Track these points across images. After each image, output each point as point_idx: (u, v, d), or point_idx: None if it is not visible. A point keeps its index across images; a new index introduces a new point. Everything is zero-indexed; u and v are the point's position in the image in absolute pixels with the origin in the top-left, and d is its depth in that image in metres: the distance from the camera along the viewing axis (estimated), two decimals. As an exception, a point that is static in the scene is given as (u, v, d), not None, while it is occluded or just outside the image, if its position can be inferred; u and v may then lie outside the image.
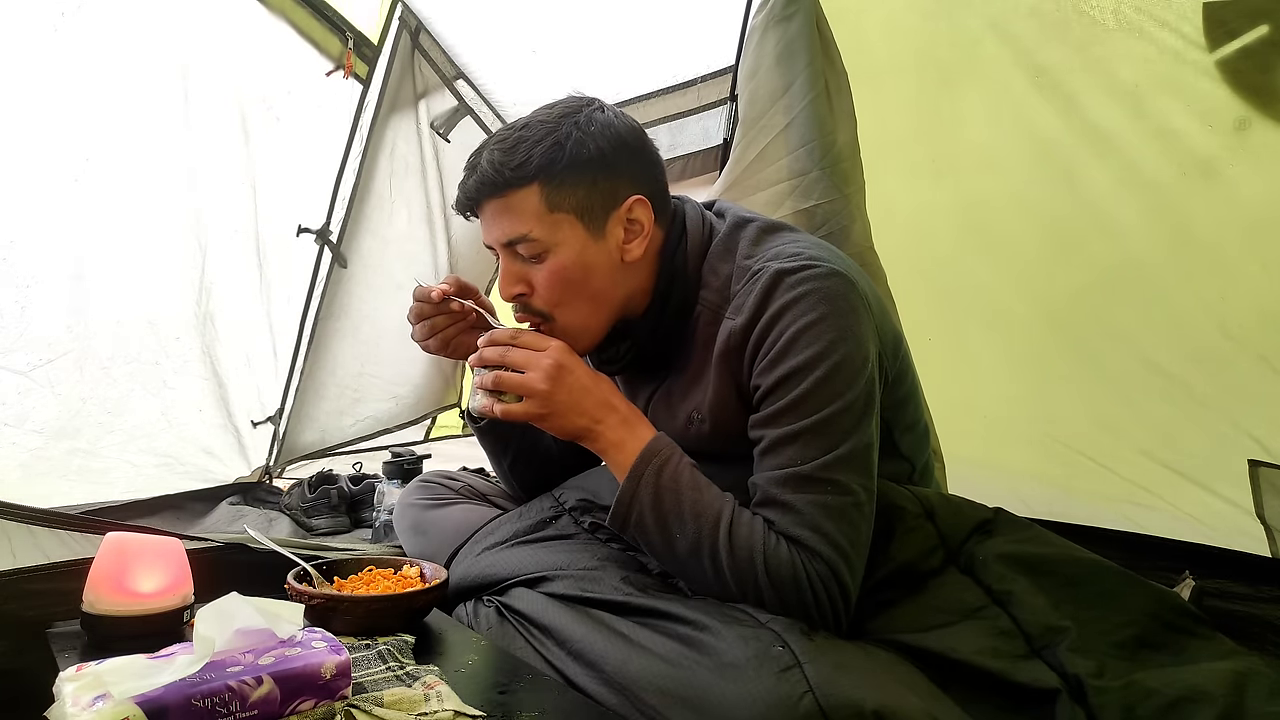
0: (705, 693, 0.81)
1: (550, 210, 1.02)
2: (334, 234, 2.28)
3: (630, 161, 1.05)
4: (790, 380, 0.97)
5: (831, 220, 1.50)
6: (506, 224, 1.04)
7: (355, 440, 2.48)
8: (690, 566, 0.98)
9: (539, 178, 1.01)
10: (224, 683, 0.73)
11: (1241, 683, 0.86)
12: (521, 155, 1.01)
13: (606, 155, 1.03)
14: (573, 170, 1.01)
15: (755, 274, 1.02)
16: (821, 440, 0.95)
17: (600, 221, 1.04)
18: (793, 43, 1.53)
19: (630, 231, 1.06)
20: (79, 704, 0.71)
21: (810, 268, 0.99)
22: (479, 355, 1.04)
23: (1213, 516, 1.51)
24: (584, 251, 1.04)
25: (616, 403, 1.04)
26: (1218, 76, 1.35)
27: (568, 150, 1.01)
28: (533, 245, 1.03)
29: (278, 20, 2.06)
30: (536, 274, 1.05)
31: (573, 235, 1.03)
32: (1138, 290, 1.54)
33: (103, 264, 1.85)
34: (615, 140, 1.04)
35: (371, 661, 0.91)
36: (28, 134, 1.68)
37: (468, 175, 1.06)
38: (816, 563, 0.92)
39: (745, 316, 1.01)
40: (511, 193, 1.02)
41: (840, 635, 0.93)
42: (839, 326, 0.97)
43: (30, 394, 1.76)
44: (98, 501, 1.88)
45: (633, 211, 1.05)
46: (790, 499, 0.95)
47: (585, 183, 1.02)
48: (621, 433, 1.02)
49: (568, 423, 1.02)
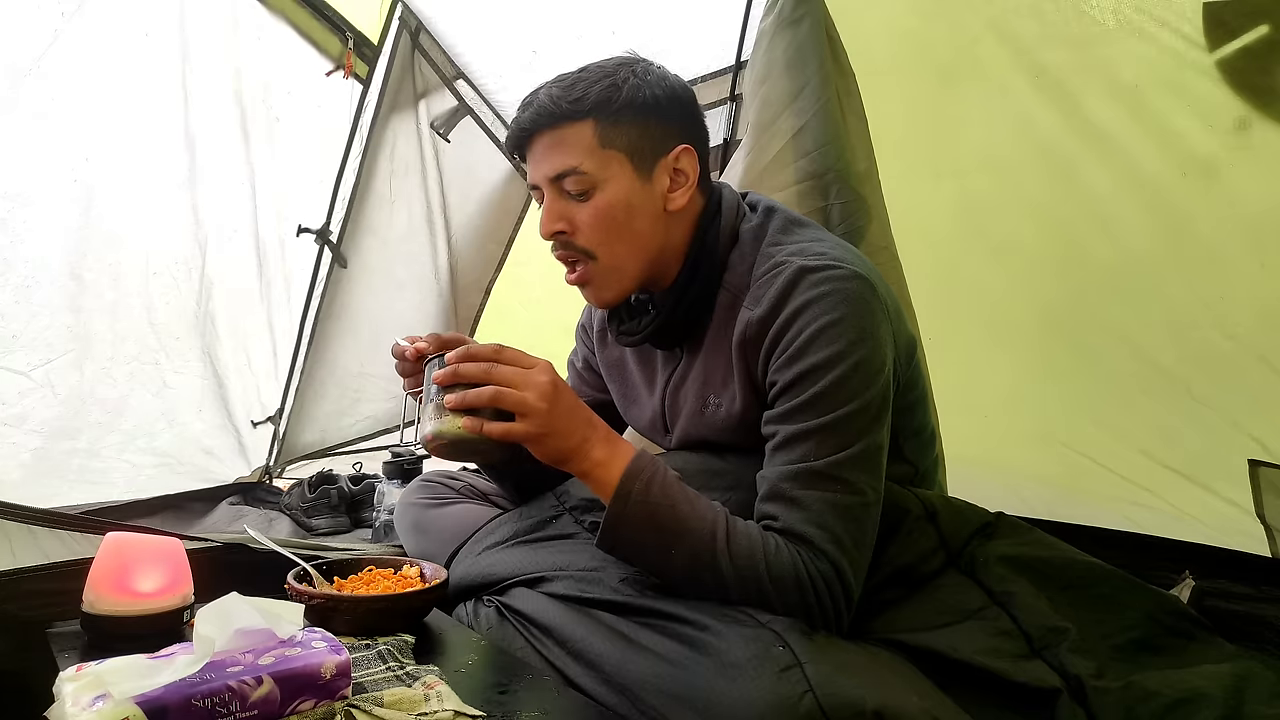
0: (705, 693, 0.81)
1: (602, 146, 1.04)
2: (334, 234, 2.28)
3: (682, 113, 1.08)
4: (808, 378, 0.97)
5: (847, 220, 1.50)
6: (557, 157, 1.05)
7: (355, 440, 2.48)
8: (688, 579, 0.97)
9: (595, 113, 1.03)
10: (224, 683, 0.73)
11: (1241, 685, 0.86)
12: (580, 90, 1.03)
13: (661, 101, 1.05)
14: (627, 110, 1.04)
15: (778, 266, 1.03)
16: (835, 439, 0.95)
17: (649, 165, 1.06)
18: (803, 46, 1.53)
19: (676, 181, 1.08)
20: (79, 704, 0.71)
21: (833, 268, 1.00)
22: (451, 371, 0.93)
23: (1213, 516, 1.50)
24: (631, 192, 1.05)
25: (597, 421, 1.00)
26: (1218, 76, 1.35)
27: (624, 91, 1.04)
28: (581, 180, 1.04)
29: (278, 20, 2.06)
30: (581, 212, 1.06)
31: (621, 174, 1.05)
32: (1138, 290, 1.54)
33: (103, 264, 1.86)
34: (669, 90, 1.07)
35: (371, 661, 0.91)
36: (28, 134, 1.68)
37: (522, 110, 1.07)
38: (820, 561, 0.92)
39: (764, 309, 1.01)
40: (566, 125, 1.04)
41: (841, 634, 0.93)
42: (859, 328, 0.97)
43: (30, 394, 1.76)
44: (98, 501, 1.88)
45: (680, 161, 1.07)
46: (800, 494, 0.95)
47: (638, 124, 1.04)
48: (605, 450, 0.98)
49: (561, 443, 0.95)
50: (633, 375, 1.25)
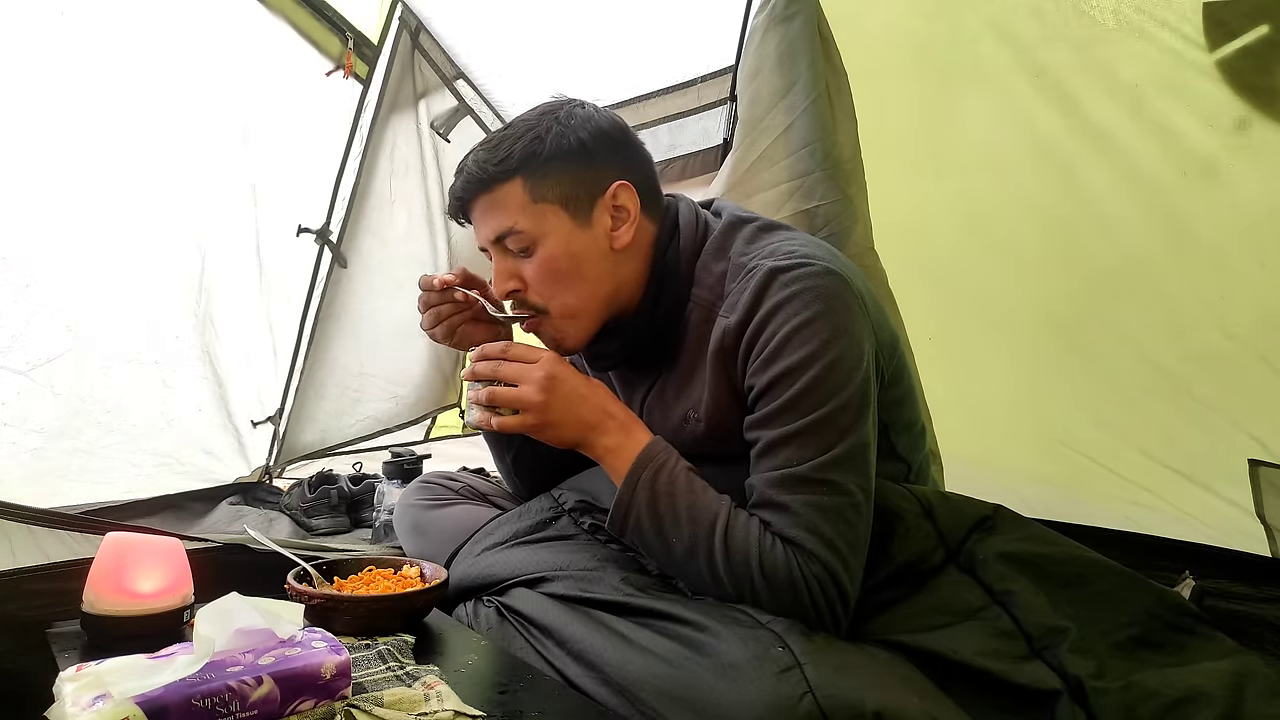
0: (705, 693, 0.81)
1: (534, 201, 1.04)
2: (334, 234, 2.28)
3: (612, 151, 1.08)
4: (784, 380, 0.97)
5: (833, 221, 1.50)
6: (493, 219, 1.06)
7: (355, 440, 2.47)
8: (688, 569, 0.99)
9: (521, 170, 1.03)
10: (224, 683, 0.73)
11: (1241, 683, 0.86)
12: (504, 151, 1.04)
13: (587, 145, 1.05)
14: (554, 160, 1.04)
15: (749, 271, 1.02)
16: (817, 440, 0.95)
17: (586, 210, 1.06)
18: (794, 43, 1.53)
19: (617, 219, 1.07)
20: (79, 704, 0.71)
21: (804, 265, 0.99)
22: (471, 370, 1.04)
23: (1213, 516, 1.50)
24: (571, 240, 1.05)
25: (613, 409, 1.04)
26: (1218, 76, 1.35)
27: (548, 143, 1.04)
28: (520, 238, 1.05)
29: (278, 20, 2.06)
30: (527, 268, 1.07)
31: (559, 225, 1.05)
32: (1138, 290, 1.54)
33: (103, 264, 1.85)
34: (595, 131, 1.06)
35: (371, 661, 0.91)
36: (27, 133, 1.68)
37: (456, 178, 1.09)
38: (813, 564, 0.92)
39: (739, 314, 1.01)
40: (497, 188, 1.05)
41: (840, 637, 0.93)
42: (833, 325, 0.97)
43: (30, 394, 1.76)
44: (98, 501, 1.88)
45: (617, 198, 1.06)
46: (786, 500, 0.94)
47: (568, 172, 1.04)
48: (618, 438, 1.02)
49: (564, 432, 1.02)
50: (612, 385, 1.24)
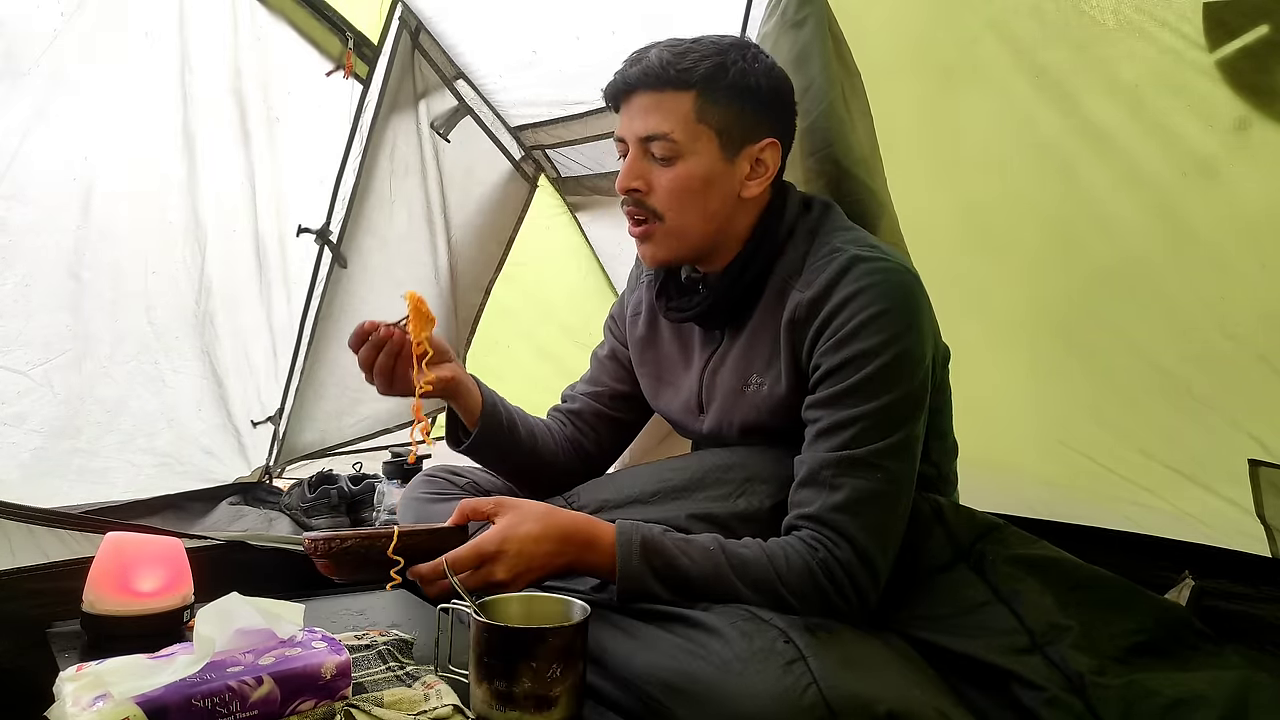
0: (709, 687, 0.81)
1: (697, 120, 1.07)
2: (334, 234, 2.28)
3: (779, 109, 1.13)
4: (854, 364, 1.00)
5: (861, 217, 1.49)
6: (653, 119, 1.08)
7: (355, 440, 2.47)
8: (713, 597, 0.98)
9: (699, 86, 1.07)
10: (224, 683, 0.73)
11: (1244, 692, 0.86)
12: (689, 61, 1.07)
13: (762, 91, 1.09)
14: (729, 91, 1.07)
15: (834, 252, 1.06)
16: (877, 427, 0.98)
17: (734, 149, 1.09)
18: (807, 47, 1.52)
19: (755, 170, 1.11)
20: (79, 704, 0.71)
21: (885, 260, 1.04)
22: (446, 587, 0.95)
23: (1213, 516, 1.50)
24: (712, 169, 1.09)
25: (571, 530, 0.98)
26: (1218, 76, 1.35)
27: (731, 73, 1.07)
28: (669, 146, 1.07)
29: (278, 20, 2.06)
30: (660, 175, 1.09)
31: (708, 150, 1.08)
32: (1138, 290, 1.54)
33: (103, 264, 1.86)
34: (773, 82, 1.11)
35: (371, 661, 0.91)
36: (27, 133, 1.68)
37: (629, 64, 1.11)
38: (844, 548, 0.95)
39: (814, 292, 1.04)
40: (669, 91, 1.07)
41: (867, 615, 0.96)
42: (905, 320, 1.01)
43: (30, 394, 1.76)
44: (98, 501, 1.88)
45: (764, 152, 1.11)
46: (838, 481, 0.97)
47: (735, 107, 1.08)
48: (586, 536, 0.98)
49: (543, 575, 0.98)
50: (667, 357, 1.27)
